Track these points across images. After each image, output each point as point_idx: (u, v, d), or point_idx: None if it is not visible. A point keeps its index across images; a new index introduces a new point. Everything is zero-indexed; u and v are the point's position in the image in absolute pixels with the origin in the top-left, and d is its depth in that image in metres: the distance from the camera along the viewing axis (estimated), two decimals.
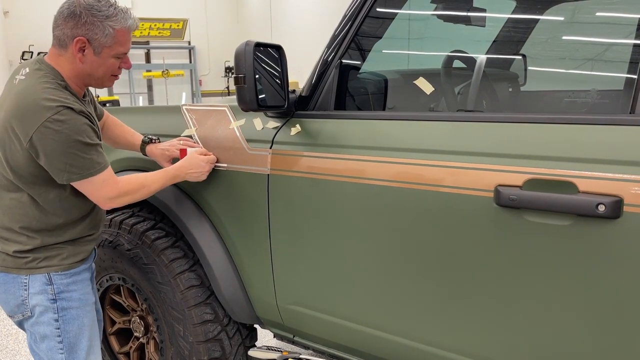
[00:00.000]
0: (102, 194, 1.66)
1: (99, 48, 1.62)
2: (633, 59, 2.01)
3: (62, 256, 1.70)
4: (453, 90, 2.20)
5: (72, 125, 1.54)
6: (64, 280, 1.71)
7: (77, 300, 1.74)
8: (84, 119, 1.59)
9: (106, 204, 1.71)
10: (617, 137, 1.27)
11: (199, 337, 2.03)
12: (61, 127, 1.53)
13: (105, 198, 1.68)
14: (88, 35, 1.60)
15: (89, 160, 1.59)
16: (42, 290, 1.68)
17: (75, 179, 1.60)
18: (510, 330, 1.42)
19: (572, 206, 1.26)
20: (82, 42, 1.60)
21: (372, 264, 1.63)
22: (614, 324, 1.27)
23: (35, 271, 1.67)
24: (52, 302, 1.69)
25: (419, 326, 1.59)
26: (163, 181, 1.81)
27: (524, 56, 2.71)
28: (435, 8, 2.25)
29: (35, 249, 1.67)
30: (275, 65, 1.72)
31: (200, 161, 1.86)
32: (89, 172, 1.60)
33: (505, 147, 1.40)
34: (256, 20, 14.06)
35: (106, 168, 1.64)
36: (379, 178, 1.57)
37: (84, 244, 1.77)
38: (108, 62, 1.66)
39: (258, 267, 1.91)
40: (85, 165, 1.59)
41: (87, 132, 1.59)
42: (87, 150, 1.58)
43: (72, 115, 1.55)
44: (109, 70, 1.68)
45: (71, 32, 1.60)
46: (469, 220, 1.42)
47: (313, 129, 1.75)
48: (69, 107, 1.55)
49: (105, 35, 1.61)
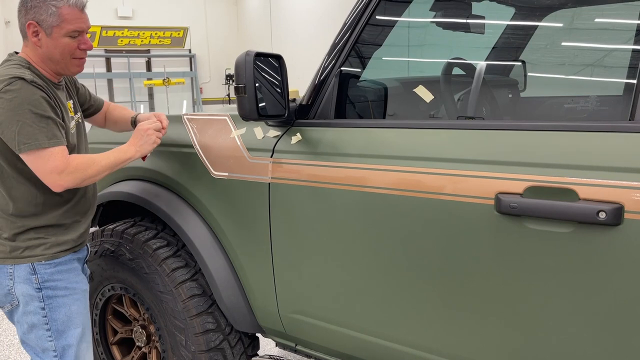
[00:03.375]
0: (49, 168, 1.60)
1: (49, 29, 1.66)
2: (632, 65, 2.01)
3: (45, 246, 1.71)
4: (453, 98, 2.20)
5: (22, 94, 1.57)
6: (48, 270, 1.72)
7: (63, 289, 1.75)
8: (38, 90, 1.60)
9: (55, 182, 1.63)
10: (617, 144, 1.27)
11: (201, 347, 2.02)
12: (11, 96, 1.56)
13: (53, 173, 1.61)
14: (36, 18, 1.65)
15: (37, 130, 1.58)
16: (27, 279, 1.70)
17: (23, 149, 1.58)
18: (512, 337, 1.42)
19: (572, 213, 1.26)
20: (33, 26, 1.65)
21: (373, 272, 1.63)
22: (616, 331, 1.27)
23: (19, 261, 1.69)
24: (38, 291, 1.71)
25: (420, 334, 1.59)
26: (113, 156, 1.74)
27: (524, 62, 2.72)
28: (434, 16, 2.26)
29: (17, 234, 1.69)
30: (275, 74, 1.73)
31: (141, 129, 1.83)
32: (37, 142, 1.57)
33: (506, 155, 1.40)
34: (256, 29, 14.10)
35: (58, 145, 1.61)
36: (380, 186, 1.57)
37: (68, 231, 1.77)
38: (62, 42, 1.68)
39: (260, 275, 1.90)
40: (33, 135, 1.57)
41: (39, 103, 1.59)
42: (36, 121, 1.58)
43: (23, 85, 1.57)
44: (66, 51, 1.69)
45: (24, 19, 1.67)
46: (470, 227, 1.42)
47: (313, 137, 1.76)
48: (21, 78, 1.58)
49: (50, 14, 1.64)
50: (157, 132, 1.85)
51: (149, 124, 1.86)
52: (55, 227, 1.74)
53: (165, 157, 2.09)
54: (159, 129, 1.87)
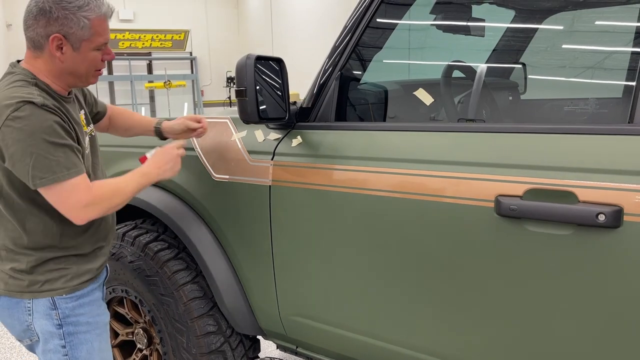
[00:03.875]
0: (72, 202, 1.45)
1: (77, 43, 1.48)
2: (631, 68, 2.01)
3: (66, 278, 1.58)
4: (453, 100, 2.21)
5: (33, 121, 1.39)
6: (70, 304, 1.59)
7: (85, 324, 1.62)
8: (49, 114, 1.42)
9: (79, 216, 1.49)
10: (617, 146, 1.28)
11: (202, 349, 2.03)
12: (21, 124, 1.38)
13: (77, 207, 1.46)
14: (63, 31, 1.46)
15: (54, 162, 1.41)
16: (47, 315, 1.58)
17: (40, 184, 1.42)
18: (513, 339, 1.42)
19: (572, 216, 1.27)
20: (58, 40, 1.47)
21: (374, 274, 1.63)
22: (616, 333, 1.27)
23: (38, 295, 1.56)
24: (58, 328, 1.59)
25: (421, 336, 1.59)
26: (136, 182, 1.60)
27: (524, 65, 2.72)
28: (434, 18, 2.27)
29: (34, 267, 1.55)
30: (276, 77, 1.73)
31: (166, 152, 1.70)
32: (54, 175, 1.41)
33: (506, 157, 1.40)
34: (257, 31, 14.11)
35: (78, 174, 1.45)
36: (381, 189, 1.57)
37: (90, 260, 1.65)
38: (90, 57, 1.52)
39: (260, 278, 1.91)
40: (50, 168, 1.40)
41: (53, 130, 1.42)
42: (52, 151, 1.41)
43: (33, 110, 1.40)
44: (92, 65, 1.55)
45: (44, 30, 1.46)
46: (470, 230, 1.42)
47: (314, 140, 1.76)
48: (30, 102, 1.40)
49: (81, 27, 1.47)
50: (180, 149, 1.74)
51: (178, 147, 1.73)
52: (76, 257, 1.61)
53: None
54: (181, 145, 1.75)
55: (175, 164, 1.71)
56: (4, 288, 1.58)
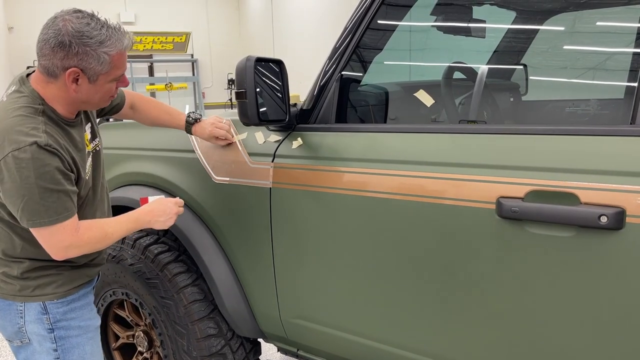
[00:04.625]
0: (54, 242, 1.47)
1: (94, 77, 1.46)
2: (633, 69, 2.01)
3: (57, 284, 1.59)
4: (454, 102, 2.20)
5: (32, 166, 1.37)
6: (60, 309, 1.60)
7: (76, 328, 1.63)
8: (51, 158, 1.40)
9: (58, 254, 1.50)
10: (619, 148, 1.27)
11: (203, 352, 2.02)
12: (19, 165, 1.37)
13: (58, 247, 1.48)
14: (81, 65, 1.43)
15: (43, 208, 1.41)
16: (38, 319, 1.59)
17: (27, 225, 1.44)
18: (515, 341, 1.42)
19: (574, 217, 1.26)
20: (75, 73, 1.44)
21: (374, 276, 1.63)
22: (618, 335, 1.26)
23: (29, 299, 1.57)
24: (49, 332, 1.59)
25: (422, 339, 1.58)
26: (126, 227, 1.61)
27: (525, 66, 2.71)
28: (435, 20, 2.26)
29: (26, 272, 1.56)
30: (276, 79, 1.73)
31: (166, 205, 1.69)
32: (41, 220, 1.42)
33: (507, 159, 1.40)
34: (258, 33, 14.12)
35: (67, 218, 1.45)
36: (381, 191, 1.57)
37: (83, 269, 1.66)
38: (105, 88, 1.52)
39: (261, 280, 1.90)
40: (38, 213, 1.41)
41: (51, 177, 1.40)
42: (45, 197, 1.40)
43: (35, 152, 1.37)
44: (106, 95, 1.55)
45: (61, 63, 1.42)
46: (471, 232, 1.42)
47: (314, 142, 1.75)
48: (33, 143, 1.38)
49: (100, 63, 1.44)
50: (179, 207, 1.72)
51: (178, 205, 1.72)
52: (69, 266, 1.62)
53: (166, 162, 2.09)
54: (181, 204, 1.74)
55: (168, 220, 1.68)
56: None
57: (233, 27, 15.20)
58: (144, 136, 2.26)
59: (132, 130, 2.37)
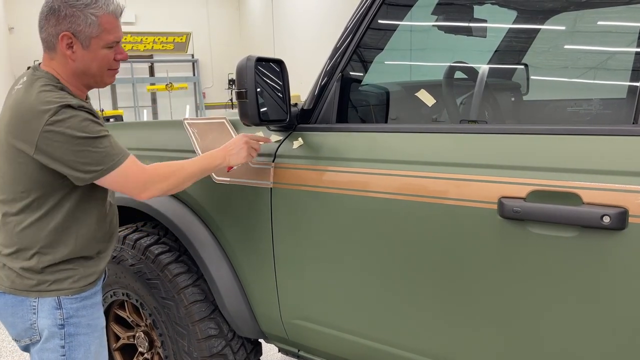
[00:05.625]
0: (131, 182, 1.56)
1: (86, 40, 1.52)
2: (635, 68, 2.00)
3: (74, 279, 1.62)
4: (455, 102, 2.20)
5: (74, 123, 1.45)
6: (74, 305, 1.63)
7: (85, 326, 1.66)
8: (84, 113, 1.49)
9: (140, 195, 1.59)
10: (621, 147, 1.26)
11: (204, 353, 2.02)
12: (62, 127, 1.44)
13: (136, 189, 1.57)
14: (71, 28, 1.50)
15: (103, 153, 1.49)
16: (51, 314, 1.60)
17: (97, 176, 1.50)
18: (516, 342, 1.41)
19: (576, 218, 1.25)
20: (67, 38, 1.51)
21: (376, 277, 1.62)
22: (620, 335, 1.26)
23: (44, 294, 1.59)
24: (60, 328, 1.61)
25: (423, 339, 1.58)
26: (199, 162, 1.68)
27: (526, 65, 2.71)
28: (436, 19, 2.26)
29: (46, 267, 1.59)
30: (277, 79, 1.72)
31: (237, 139, 1.74)
32: (109, 165, 1.50)
33: (508, 159, 1.39)
34: (259, 33, 14.13)
35: (125, 158, 1.53)
36: (383, 190, 1.56)
37: (96, 262, 1.69)
38: (100, 54, 1.56)
39: (262, 281, 1.90)
40: (102, 159, 1.49)
41: (92, 127, 1.49)
42: (97, 144, 1.48)
43: (71, 112, 1.46)
44: (103, 64, 1.58)
45: (54, 29, 1.51)
46: (473, 232, 1.41)
47: (315, 142, 1.75)
48: (67, 105, 1.46)
49: (88, 24, 1.50)
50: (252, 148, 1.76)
51: (242, 136, 1.76)
52: (83, 259, 1.65)
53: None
54: (255, 145, 1.77)
55: (240, 150, 1.73)
56: (9, 286, 1.60)
57: (233, 27, 15.21)
58: (144, 136, 2.26)
59: (132, 130, 2.36)
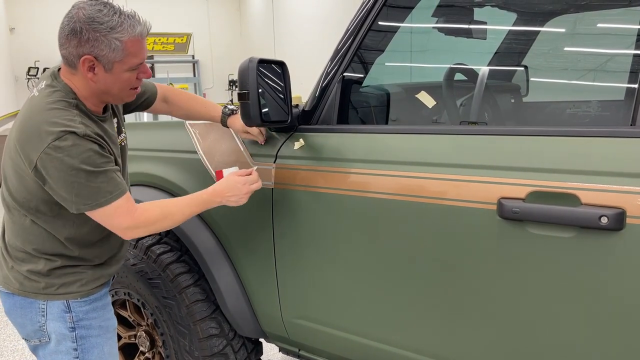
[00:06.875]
0: (115, 223, 1.52)
1: (109, 64, 1.45)
2: (633, 70, 2.02)
3: (82, 282, 1.60)
4: (455, 103, 2.21)
5: (74, 152, 1.40)
6: (83, 308, 1.61)
7: (97, 328, 1.65)
8: (89, 143, 1.43)
9: (124, 235, 1.56)
10: (619, 149, 1.28)
11: (205, 352, 2.03)
12: (62, 155, 1.39)
13: (121, 228, 1.53)
14: (94, 52, 1.43)
15: (95, 189, 1.44)
16: (60, 317, 1.59)
17: (83, 209, 1.47)
18: (515, 342, 1.42)
19: (574, 218, 1.26)
20: (89, 61, 1.44)
21: (375, 277, 1.63)
22: (618, 335, 1.27)
23: (53, 297, 1.58)
24: (71, 331, 1.60)
25: (423, 339, 1.59)
26: (190, 209, 1.62)
27: (526, 67, 2.72)
28: (436, 21, 2.27)
29: (52, 270, 1.57)
30: (278, 80, 1.73)
31: (238, 182, 1.65)
32: (96, 202, 1.45)
33: (508, 160, 1.40)
34: (259, 34, 14.15)
35: (119, 196, 1.48)
36: (383, 191, 1.57)
37: (105, 267, 1.68)
38: (123, 77, 1.50)
39: (263, 281, 1.91)
40: (92, 195, 1.44)
41: (94, 160, 1.43)
42: (92, 179, 1.43)
43: (74, 140, 1.40)
44: (125, 85, 1.52)
45: (76, 51, 1.44)
46: (472, 233, 1.42)
47: (316, 143, 1.76)
48: (72, 132, 1.40)
49: (112, 50, 1.43)
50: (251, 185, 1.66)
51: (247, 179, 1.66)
52: (92, 265, 1.64)
53: (168, 162, 2.10)
54: (253, 182, 1.67)
55: (240, 199, 1.66)
56: (18, 288, 1.59)
57: (234, 28, 15.23)
58: (145, 137, 2.27)
59: (133, 130, 2.37)
